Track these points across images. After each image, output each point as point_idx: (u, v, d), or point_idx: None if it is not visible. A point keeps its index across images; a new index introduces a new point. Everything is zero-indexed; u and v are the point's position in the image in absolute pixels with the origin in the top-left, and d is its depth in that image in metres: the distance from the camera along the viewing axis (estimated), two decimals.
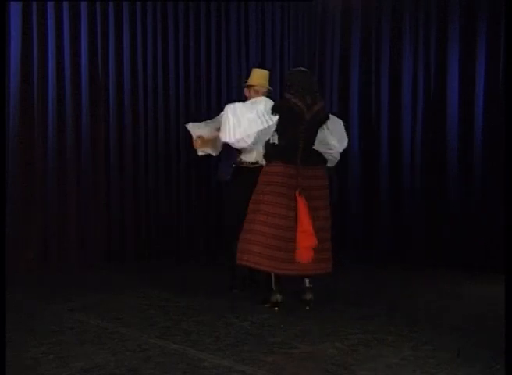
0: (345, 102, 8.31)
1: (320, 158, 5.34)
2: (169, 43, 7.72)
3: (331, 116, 5.44)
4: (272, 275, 5.24)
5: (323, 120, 5.29)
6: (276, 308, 5.19)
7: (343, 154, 5.65)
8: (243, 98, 6.01)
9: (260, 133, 5.09)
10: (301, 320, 4.88)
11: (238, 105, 5.16)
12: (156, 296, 5.69)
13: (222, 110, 8.26)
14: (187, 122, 7.83)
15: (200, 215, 8.03)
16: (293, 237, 5.04)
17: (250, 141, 5.10)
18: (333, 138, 5.35)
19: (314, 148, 5.28)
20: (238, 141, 5.11)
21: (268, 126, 5.09)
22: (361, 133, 8.15)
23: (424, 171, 7.58)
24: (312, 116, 5.18)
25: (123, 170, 7.34)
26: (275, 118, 5.09)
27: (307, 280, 5.33)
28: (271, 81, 6.07)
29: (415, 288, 6.12)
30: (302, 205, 5.04)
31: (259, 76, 5.96)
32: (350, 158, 8.13)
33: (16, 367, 3.72)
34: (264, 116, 5.08)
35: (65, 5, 6.77)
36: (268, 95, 5.73)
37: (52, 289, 5.94)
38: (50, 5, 6.66)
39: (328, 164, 5.48)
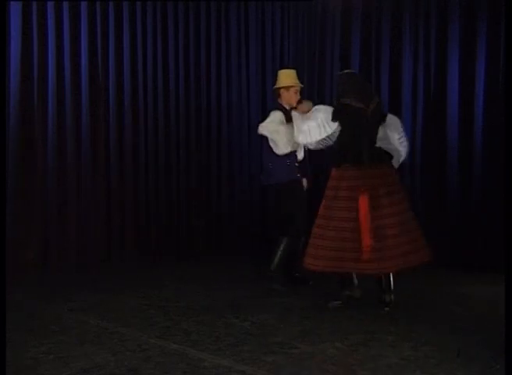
0: None
1: (384, 156, 5.34)
2: (169, 43, 7.72)
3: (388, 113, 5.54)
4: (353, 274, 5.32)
5: (382, 117, 5.35)
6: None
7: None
8: (275, 103, 6.12)
9: (319, 141, 5.27)
10: (301, 320, 4.88)
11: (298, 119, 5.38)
12: (156, 296, 5.69)
13: (221, 110, 8.33)
14: (187, 122, 7.89)
15: (200, 214, 8.02)
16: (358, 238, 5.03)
17: (311, 147, 5.39)
18: (393, 134, 5.37)
19: (377, 146, 5.32)
20: (311, 144, 5.36)
21: (327, 136, 5.22)
22: None
23: (424, 171, 7.57)
24: (371, 115, 5.24)
25: (123, 170, 7.35)
26: (335, 125, 5.19)
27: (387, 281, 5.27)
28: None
29: (415, 288, 6.11)
30: (362, 205, 5.02)
31: (292, 76, 6.02)
32: None
33: (16, 367, 3.72)
34: (324, 125, 5.19)
35: (65, 5, 6.77)
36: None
37: (52, 289, 5.95)
38: (50, 5, 6.66)
39: (395, 160, 5.46)
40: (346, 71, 5.79)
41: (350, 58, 8.26)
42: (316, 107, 5.40)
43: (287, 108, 5.92)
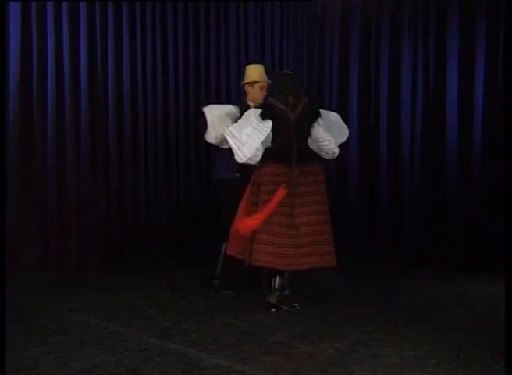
0: (344, 102, 8.30)
1: (315, 156, 5.34)
2: (169, 43, 7.71)
3: (324, 111, 5.46)
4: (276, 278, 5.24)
5: (312, 118, 5.29)
6: (273, 310, 5.19)
7: (343, 153, 5.65)
8: (242, 98, 6.01)
9: (263, 142, 5.15)
10: (301, 320, 4.88)
11: (231, 128, 5.19)
12: (156, 296, 5.69)
13: None
14: (186, 122, 7.89)
15: (200, 215, 8.02)
16: (288, 233, 5.10)
17: (260, 153, 5.16)
18: (327, 134, 5.28)
19: (309, 146, 5.30)
20: (250, 159, 5.14)
21: (268, 134, 5.15)
22: (360, 133, 8.14)
23: (423, 171, 7.57)
24: (298, 116, 5.23)
25: (123, 170, 7.34)
26: (270, 123, 5.15)
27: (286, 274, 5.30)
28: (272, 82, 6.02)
29: (415, 288, 6.12)
30: (276, 198, 5.09)
31: (258, 71, 5.88)
32: (350, 157, 8.13)
33: (16, 367, 3.72)
34: (259, 126, 5.13)
35: (65, 5, 6.77)
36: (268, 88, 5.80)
37: (52, 289, 5.95)
38: (49, 5, 6.66)
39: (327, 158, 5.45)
40: (282, 71, 5.82)
41: (350, 59, 8.26)
42: (246, 113, 5.32)
43: (251, 105, 5.68)
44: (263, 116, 5.15)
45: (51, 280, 6.36)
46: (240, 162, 5.17)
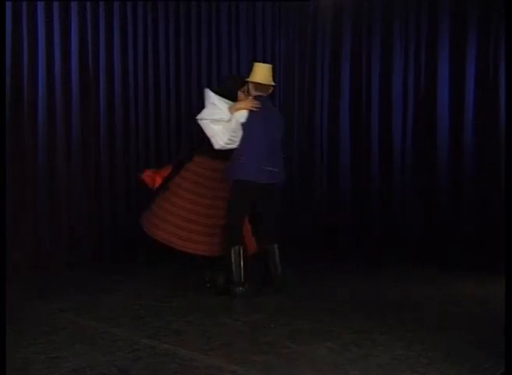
0: (336, 101, 8.31)
1: (218, 153, 5.72)
2: (160, 42, 7.67)
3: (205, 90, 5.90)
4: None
5: None
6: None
7: (334, 154, 5.67)
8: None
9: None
10: (293, 320, 4.88)
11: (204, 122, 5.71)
12: (147, 296, 5.68)
13: None
14: (178, 121, 7.87)
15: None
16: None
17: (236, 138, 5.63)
18: None
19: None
20: (227, 144, 5.62)
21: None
22: (352, 132, 8.14)
23: (414, 171, 7.58)
24: None
25: (114, 170, 7.32)
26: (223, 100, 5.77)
27: None
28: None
29: (407, 288, 6.13)
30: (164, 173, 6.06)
31: (265, 73, 5.78)
32: (341, 157, 8.14)
33: (7, 368, 3.70)
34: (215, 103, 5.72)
35: (56, 4, 6.74)
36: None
37: (43, 289, 5.93)
38: (40, 5, 6.63)
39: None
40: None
41: (341, 58, 8.27)
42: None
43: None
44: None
45: (41, 280, 6.34)
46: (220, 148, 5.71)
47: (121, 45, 7.33)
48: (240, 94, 5.82)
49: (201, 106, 8.08)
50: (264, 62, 8.41)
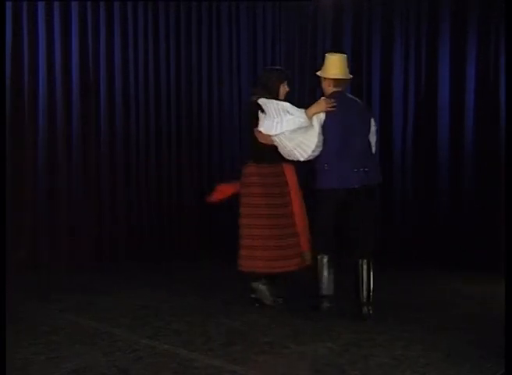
0: None
1: (275, 155, 5.16)
2: (160, 43, 7.67)
3: (262, 100, 5.14)
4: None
5: (253, 111, 5.17)
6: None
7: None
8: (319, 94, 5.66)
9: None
10: (292, 320, 4.88)
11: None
12: (147, 296, 5.68)
13: (212, 110, 8.23)
14: (179, 121, 7.86)
15: (192, 216, 8.00)
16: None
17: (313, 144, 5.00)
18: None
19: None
20: (314, 151, 5.02)
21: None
22: None
23: (415, 171, 7.57)
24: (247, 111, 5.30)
25: (114, 171, 7.32)
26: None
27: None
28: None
29: (406, 288, 6.12)
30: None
31: (340, 65, 5.31)
32: None
33: (7, 368, 3.70)
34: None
35: (56, 5, 6.74)
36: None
37: (43, 289, 5.93)
38: (40, 5, 6.63)
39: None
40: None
41: None
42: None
43: None
44: None
45: (42, 280, 6.34)
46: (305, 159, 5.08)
47: (121, 45, 7.32)
48: (282, 89, 5.41)
49: (201, 106, 8.15)
50: (264, 62, 8.52)
